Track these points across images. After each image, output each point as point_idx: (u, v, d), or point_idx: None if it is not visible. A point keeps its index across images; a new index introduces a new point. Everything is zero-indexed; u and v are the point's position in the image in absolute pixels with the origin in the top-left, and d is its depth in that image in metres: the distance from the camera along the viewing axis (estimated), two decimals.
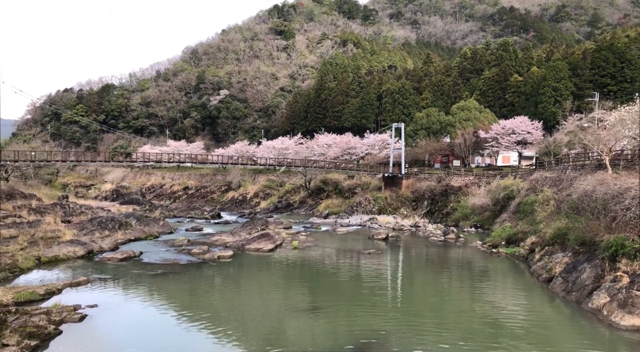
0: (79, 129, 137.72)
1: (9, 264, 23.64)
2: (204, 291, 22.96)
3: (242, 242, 34.65)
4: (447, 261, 31.36)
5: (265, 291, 23.46)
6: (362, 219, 52.55)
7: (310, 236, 40.18)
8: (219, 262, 28.98)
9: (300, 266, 29.21)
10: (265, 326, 17.57)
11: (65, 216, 42.91)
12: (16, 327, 14.35)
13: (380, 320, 18.23)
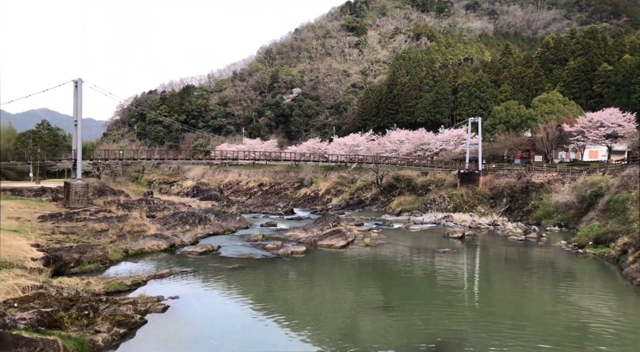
0: (163, 128, 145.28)
1: (100, 256, 25.38)
2: (279, 285, 23.42)
3: (314, 238, 34.99)
4: (528, 261, 29.84)
5: (338, 287, 23.52)
6: (436, 216, 51.31)
7: (382, 234, 39.80)
8: (292, 257, 29.44)
9: (373, 263, 29.01)
10: (338, 322, 17.60)
11: (150, 211, 45.45)
12: (107, 315, 15.34)
13: (456, 319, 17.67)
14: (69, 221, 33.75)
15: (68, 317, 14.12)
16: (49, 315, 13.56)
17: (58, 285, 17.83)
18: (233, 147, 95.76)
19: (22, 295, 15.25)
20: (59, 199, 45.19)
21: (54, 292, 16.39)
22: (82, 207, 41.09)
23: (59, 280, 19.15)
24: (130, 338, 14.80)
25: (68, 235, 28.73)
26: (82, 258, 24.31)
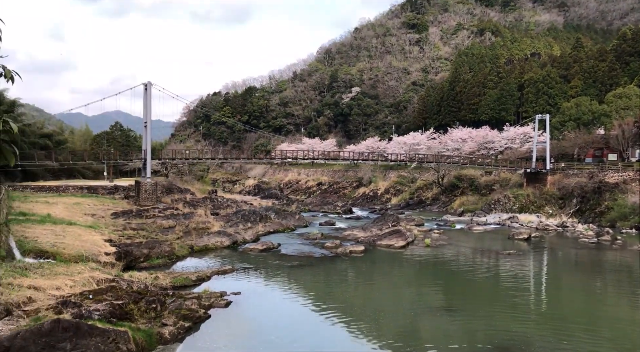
0: (226, 129, 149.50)
1: (168, 251, 26.50)
2: (338, 284, 23.49)
3: (373, 237, 34.79)
4: (601, 265, 28.19)
5: (398, 288, 23.26)
6: (500, 217, 49.56)
7: (444, 234, 38.94)
8: (351, 256, 29.41)
9: (433, 264, 28.45)
10: (398, 322, 17.41)
11: (214, 208, 46.90)
12: (173, 309, 15.99)
13: (521, 323, 16.99)
14: (139, 217, 35.46)
15: (137, 310, 14.84)
16: (120, 307, 14.31)
17: (129, 279, 18.79)
18: (293, 146, 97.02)
19: (97, 287, 16.20)
20: (131, 196, 47.60)
21: (125, 285, 17.27)
22: (151, 205, 43.06)
23: (130, 274, 20.17)
24: (195, 332, 15.34)
25: (138, 231, 30.18)
26: (151, 253, 25.47)
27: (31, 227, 23.56)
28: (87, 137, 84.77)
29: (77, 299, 14.30)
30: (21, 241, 20.38)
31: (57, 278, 15.96)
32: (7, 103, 60.39)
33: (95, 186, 50.40)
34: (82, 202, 37.08)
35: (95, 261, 20.43)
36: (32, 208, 30.32)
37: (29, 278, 15.33)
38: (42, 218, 26.63)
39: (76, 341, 11.73)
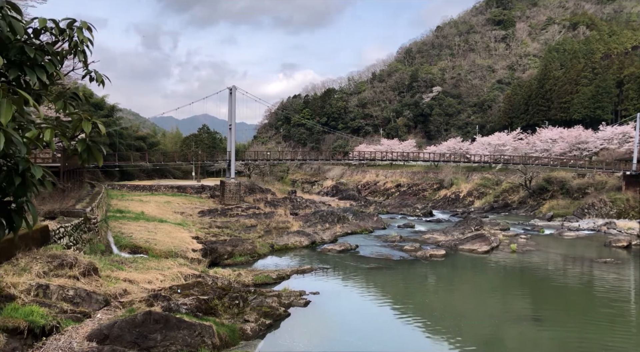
0: (305, 130, 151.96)
1: (250, 249, 27.36)
2: (417, 287, 23.01)
3: (454, 241, 33.73)
4: None
5: (481, 294, 22.35)
6: (595, 223, 46.13)
7: (531, 240, 36.90)
8: (431, 260, 28.71)
9: (520, 271, 27.03)
10: (481, 330, 16.71)
11: (293, 208, 47.84)
12: (254, 305, 16.45)
13: (620, 338, 15.66)
14: (223, 216, 36.96)
15: (221, 306, 15.42)
16: (206, 302, 14.94)
17: (213, 275, 19.60)
18: (371, 147, 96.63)
19: (184, 282, 17.05)
20: (216, 196, 49.76)
21: (210, 281, 18.03)
22: (235, 204, 44.75)
23: (214, 270, 21.05)
24: (275, 329, 15.67)
25: (223, 229, 31.45)
26: (234, 251, 26.43)
27: (127, 223, 25.31)
28: (177, 140, 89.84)
29: (167, 293, 15.11)
30: (118, 237, 21.93)
31: (149, 272, 17.00)
32: (107, 108, 65.50)
33: (184, 186, 53.22)
34: (172, 201, 39.29)
35: (183, 257, 21.53)
36: (128, 206, 32.55)
37: (124, 271, 16.45)
38: (136, 215, 28.51)
39: (165, 333, 12.39)
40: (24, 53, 2.93)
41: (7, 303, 11.48)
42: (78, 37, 3.30)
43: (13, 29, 2.82)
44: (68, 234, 17.59)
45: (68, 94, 3.29)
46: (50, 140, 2.66)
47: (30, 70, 2.95)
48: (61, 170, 27.30)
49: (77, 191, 28.99)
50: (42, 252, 14.40)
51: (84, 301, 13.25)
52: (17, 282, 12.17)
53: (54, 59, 3.10)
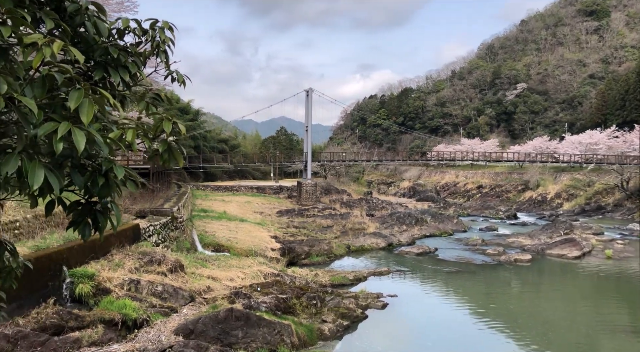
0: (381, 131, 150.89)
1: (326, 250, 27.52)
2: (500, 293, 21.98)
3: (541, 246, 31.88)
4: None
5: (571, 302, 20.91)
6: None
7: (629, 245, 34.02)
8: (516, 265, 27.33)
9: (616, 279, 25.00)
10: (572, 341, 15.61)
11: (370, 210, 47.57)
12: (332, 306, 16.49)
13: None
14: (300, 216, 37.51)
15: (299, 305, 15.60)
16: (284, 301, 15.18)
17: (291, 274, 19.90)
18: (450, 147, 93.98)
19: (264, 281, 17.45)
20: (293, 196, 50.67)
21: (288, 280, 18.32)
22: (311, 205, 45.30)
23: (292, 270, 21.37)
24: (353, 331, 15.59)
25: (300, 229, 31.91)
26: (311, 251, 26.71)
27: (210, 222, 26.39)
28: (256, 142, 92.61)
29: (247, 291, 15.54)
30: (202, 235, 22.91)
31: (230, 270, 17.58)
32: (192, 112, 68.85)
33: (263, 186, 54.69)
34: (252, 201, 40.50)
35: (262, 255, 22.08)
36: (211, 205, 33.96)
37: (208, 269, 17.13)
38: (219, 215, 29.67)
39: (246, 330, 12.72)
40: (109, 54, 3.04)
41: (103, 296, 12.33)
42: (160, 37, 3.39)
43: (98, 29, 2.94)
44: (157, 232, 18.62)
45: (150, 94, 3.39)
46: (132, 140, 2.74)
47: (114, 71, 3.07)
48: (151, 171, 29.02)
49: (165, 191, 30.69)
50: (134, 249, 15.34)
51: (171, 297, 13.94)
52: (112, 277, 13.03)
53: (137, 59, 3.20)
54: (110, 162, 2.66)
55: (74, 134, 2.22)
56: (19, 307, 10.42)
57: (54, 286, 11.79)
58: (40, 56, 2.18)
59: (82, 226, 2.95)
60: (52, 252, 12.07)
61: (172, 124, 2.88)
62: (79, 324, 10.88)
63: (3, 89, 2.03)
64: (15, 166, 2.23)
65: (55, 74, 2.31)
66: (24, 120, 2.14)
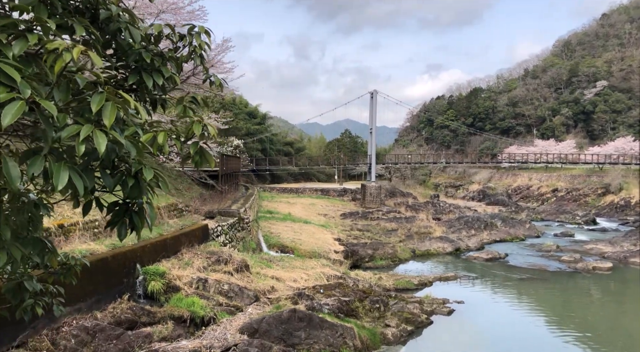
0: (449, 132, 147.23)
1: (390, 253, 27.19)
2: (577, 302, 20.70)
3: (624, 253, 29.72)
4: None
5: None
6: None
7: None
8: (594, 273, 25.64)
9: None
10: None
11: (436, 213, 46.50)
12: (395, 310, 16.23)
13: None
14: (364, 219, 37.33)
15: (362, 308, 15.49)
16: (347, 304, 15.12)
17: (355, 277, 19.82)
18: (522, 149, 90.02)
19: (327, 283, 17.49)
20: (357, 199, 50.53)
21: (351, 283, 18.25)
22: (375, 207, 44.96)
23: (356, 273, 21.28)
24: (417, 336, 15.26)
25: (363, 232, 31.75)
26: (375, 254, 26.48)
27: (275, 224, 26.87)
28: (321, 144, 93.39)
29: (310, 292, 15.63)
30: (267, 236, 23.36)
31: (294, 271, 17.78)
32: (260, 116, 70.56)
33: (327, 188, 55.01)
34: (316, 203, 40.83)
35: (325, 257, 22.16)
36: (277, 207, 34.58)
37: (272, 269, 17.43)
38: (284, 216, 30.14)
39: (309, 331, 12.78)
40: (143, 59, 3.12)
41: (173, 294, 12.85)
42: (196, 42, 3.46)
43: (131, 35, 3.03)
44: (224, 233, 19.19)
45: (188, 98, 3.46)
46: (163, 143, 2.79)
47: (147, 75, 3.15)
48: (219, 173, 29.99)
49: (233, 193, 31.62)
50: (202, 249, 15.88)
51: (237, 296, 14.29)
52: (182, 275, 13.56)
53: (171, 63, 3.28)
54: (140, 164, 2.70)
55: (95, 136, 2.28)
56: (97, 302, 11.08)
57: (129, 283, 12.43)
58: (62, 62, 2.24)
59: (119, 226, 3.03)
60: (127, 250, 12.73)
61: (202, 127, 2.93)
62: (150, 320, 11.40)
63: (26, 93, 2.10)
64: (40, 167, 2.32)
65: (77, 78, 2.38)
66: (45, 123, 2.21)
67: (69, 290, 10.12)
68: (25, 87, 2.11)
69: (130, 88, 3.29)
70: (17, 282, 3.61)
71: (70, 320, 9.96)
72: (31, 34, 2.30)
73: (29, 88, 2.11)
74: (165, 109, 3.51)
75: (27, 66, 2.33)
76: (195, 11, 21.80)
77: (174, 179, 24.72)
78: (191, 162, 3.04)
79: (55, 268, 3.77)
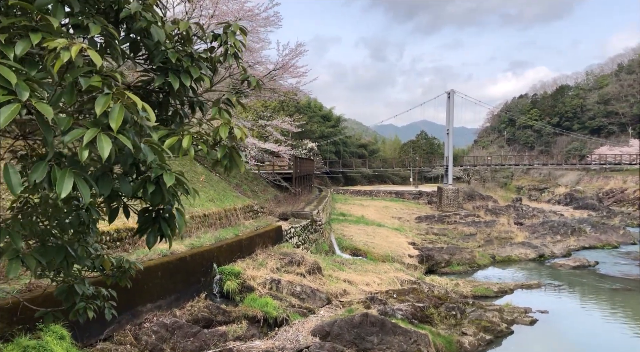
0: (533, 133, 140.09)
1: (468, 259, 26.19)
2: None
3: None
4: None
5: None
6: None
7: None
8: None
9: None
10: None
11: (518, 218, 44.28)
12: (473, 318, 15.57)
13: None
14: (440, 223, 36.32)
15: (437, 315, 14.99)
16: (421, 310, 14.71)
17: (430, 283, 19.27)
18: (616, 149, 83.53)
19: (400, 288, 17.13)
20: (433, 202, 49.30)
21: (426, 289, 17.75)
22: (452, 211, 43.61)
23: (431, 278, 20.69)
24: (496, 346, 14.54)
25: (439, 236, 30.88)
26: (452, 259, 25.64)
27: (348, 226, 26.80)
28: (396, 146, 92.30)
29: (383, 297, 15.37)
30: (340, 238, 23.34)
31: (366, 275, 17.59)
32: (334, 119, 70.98)
33: (401, 191, 54.19)
34: (390, 206, 40.32)
35: (399, 261, 21.75)
36: (350, 209, 34.53)
37: (344, 272, 17.35)
38: (357, 219, 30.02)
39: (382, 337, 12.55)
40: (169, 59, 2.99)
41: (247, 293, 13.13)
42: (230, 41, 3.33)
43: (152, 34, 2.89)
44: (297, 234, 19.40)
45: (223, 99, 3.36)
46: (188, 147, 2.69)
47: (174, 77, 3.00)
48: (293, 176, 30.44)
49: (307, 195, 31.97)
50: (276, 250, 16.14)
51: (309, 298, 14.35)
52: (256, 276, 13.83)
53: (201, 63, 3.16)
54: (162, 169, 2.59)
55: (99, 141, 2.14)
56: (176, 300, 11.55)
57: (206, 282, 12.86)
58: (60, 61, 2.11)
59: (148, 233, 2.95)
60: (205, 250, 13.19)
61: (229, 129, 2.80)
62: (225, 319, 11.71)
63: (24, 95, 2.00)
64: (43, 174, 2.21)
65: (81, 80, 2.25)
66: (43, 126, 2.11)
67: (151, 288, 10.68)
68: (24, 89, 2.02)
69: (161, 90, 3.20)
70: (68, 286, 3.72)
71: (151, 316, 10.46)
72: (35, 33, 2.21)
73: (28, 90, 2.02)
74: (204, 111, 3.46)
75: (32, 67, 2.25)
76: (270, 17, 22.27)
77: (250, 181, 25.39)
78: (220, 167, 2.92)
79: (108, 271, 3.87)
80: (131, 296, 9.84)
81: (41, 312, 4.10)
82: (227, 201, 18.08)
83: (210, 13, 20.18)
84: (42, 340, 7.11)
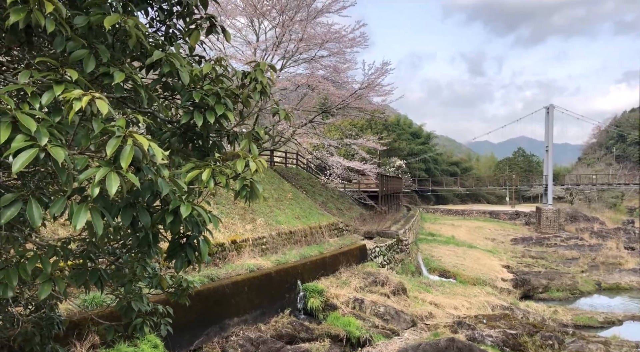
0: None
1: (569, 285, 24.29)
2: None
3: None
4: None
5: None
6: None
7: None
8: None
9: None
10: None
11: (629, 242, 40.36)
12: (572, 350, 14.37)
13: None
14: (538, 245, 34.14)
15: (532, 344, 14.04)
16: (513, 337, 13.87)
17: (524, 309, 18.13)
18: None
19: (491, 313, 16.29)
20: (531, 223, 46.48)
21: (520, 315, 16.72)
22: (552, 233, 40.81)
23: (526, 304, 19.46)
24: None
25: (537, 259, 29.03)
26: (550, 285, 23.95)
27: (436, 247, 26.05)
28: (491, 164, 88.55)
29: (471, 322, 14.71)
30: (427, 259, 22.74)
31: (455, 298, 16.94)
32: (424, 136, 69.81)
33: (496, 211, 51.72)
34: (483, 226, 38.63)
35: (491, 285, 20.72)
36: (439, 229, 33.56)
37: (431, 294, 16.85)
38: (446, 239, 29.09)
39: None
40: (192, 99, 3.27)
41: (330, 312, 13.21)
42: (258, 79, 3.52)
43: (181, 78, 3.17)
44: (382, 254, 19.21)
45: (253, 132, 3.55)
46: (207, 179, 2.84)
47: (198, 114, 3.25)
48: (379, 194, 30.25)
49: (393, 214, 31.56)
50: (360, 269, 16.10)
51: (393, 319, 14.10)
52: (339, 294, 13.88)
53: (226, 100, 3.35)
54: (179, 201, 2.79)
55: (107, 178, 2.35)
56: (261, 315, 11.91)
57: (290, 298, 13.13)
58: (73, 111, 2.35)
59: (176, 258, 3.17)
60: (290, 267, 13.50)
61: (245, 164, 2.95)
62: (308, 336, 11.84)
63: (43, 141, 2.23)
64: (61, 208, 2.49)
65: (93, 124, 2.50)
66: (57, 168, 2.32)
67: (238, 302, 11.13)
68: (44, 134, 2.26)
69: (188, 128, 3.49)
70: (127, 302, 4.04)
71: (237, 330, 10.86)
72: (59, 85, 2.51)
73: (47, 136, 2.27)
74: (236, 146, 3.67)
75: (56, 114, 2.54)
76: (357, 38, 22.61)
77: (336, 199, 25.61)
78: (239, 198, 3.09)
79: (166, 290, 4.14)
80: (220, 310, 10.32)
81: (104, 325, 4.48)
82: (312, 219, 18.40)
83: (299, 37, 20.94)
84: (138, 348, 7.67)
